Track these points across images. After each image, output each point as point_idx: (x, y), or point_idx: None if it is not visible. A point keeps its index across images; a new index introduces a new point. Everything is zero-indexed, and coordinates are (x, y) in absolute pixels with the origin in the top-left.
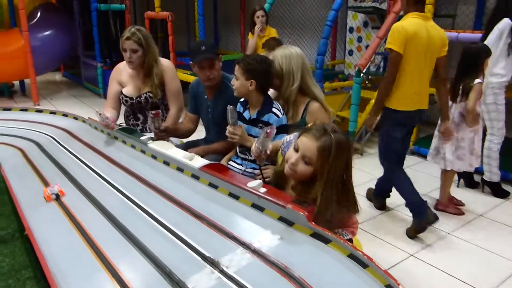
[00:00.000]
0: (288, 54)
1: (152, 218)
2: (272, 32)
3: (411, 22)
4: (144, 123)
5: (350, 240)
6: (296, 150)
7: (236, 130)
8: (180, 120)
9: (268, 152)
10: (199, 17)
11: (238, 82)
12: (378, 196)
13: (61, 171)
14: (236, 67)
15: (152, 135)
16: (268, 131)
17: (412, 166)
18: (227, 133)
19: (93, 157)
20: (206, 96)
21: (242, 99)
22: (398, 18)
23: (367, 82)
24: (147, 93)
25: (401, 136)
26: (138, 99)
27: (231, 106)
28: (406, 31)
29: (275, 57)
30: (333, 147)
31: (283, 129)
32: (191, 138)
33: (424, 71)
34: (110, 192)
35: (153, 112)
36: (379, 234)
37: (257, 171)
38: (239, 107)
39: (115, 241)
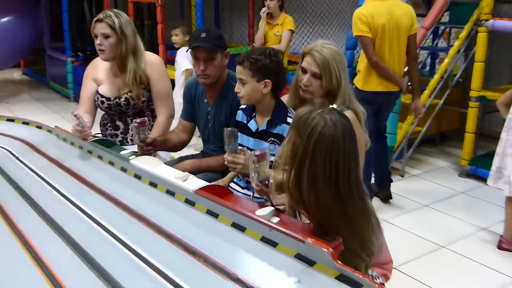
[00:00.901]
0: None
1: (135, 254)
2: (288, 21)
3: (369, 6)
4: (125, 133)
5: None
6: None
7: (237, 157)
8: (171, 129)
9: (271, 180)
10: (196, 1)
11: (246, 87)
12: (380, 186)
13: (20, 194)
14: (239, 69)
15: (135, 148)
16: (257, 153)
17: (468, 191)
18: (226, 163)
19: (61, 176)
20: (206, 100)
21: (244, 106)
22: (449, 3)
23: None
24: (129, 93)
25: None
26: (117, 100)
27: (229, 129)
28: (365, 16)
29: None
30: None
31: None
32: (184, 152)
33: (391, 51)
34: (82, 221)
35: (138, 121)
36: (426, 278)
37: None
38: (241, 116)
39: (89, 283)
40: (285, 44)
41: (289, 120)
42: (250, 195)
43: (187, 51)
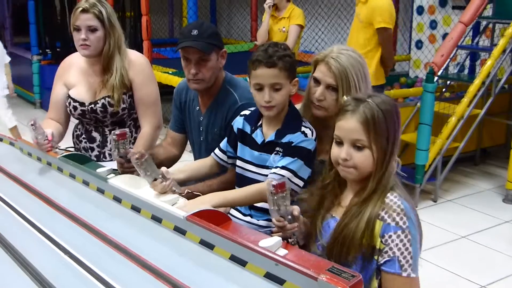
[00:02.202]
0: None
1: None
2: (296, 14)
3: None
4: (102, 147)
5: None
6: (340, 142)
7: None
8: (158, 142)
9: (295, 213)
10: None
11: (282, 93)
12: None
13: None
14: (273, 72)
15: (114, 165)
16: (274, 184)
17: None
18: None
19: (25, 197)
20: (198, 108)
21: (247, 112)
22: None
23: (444, 90)
24: (107, 98)
25: None
26: (92, 106)
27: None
28: (392, 6)
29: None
30: (377, 112)
31: (304, 155)
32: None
33: None
34: (51, 251)
35: (117, 132)
36: None
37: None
38: (243, 124)
39: None
40: (292, 41)
41: (304, 129)
42: (254, 224)
43: (175, 52)
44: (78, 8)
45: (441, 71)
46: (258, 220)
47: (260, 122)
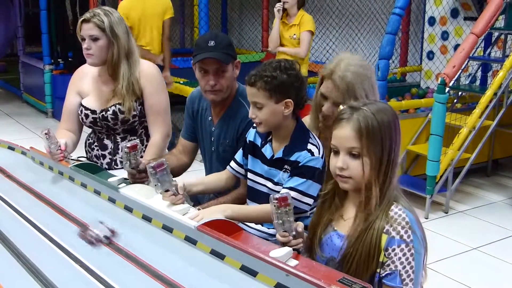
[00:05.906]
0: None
1: None
2: (306, 20)
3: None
4: (114, 154)
5: None
6: (336, 151)
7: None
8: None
9: (299, 229)
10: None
11: (264, 112)
12: None
13: None
14: (252, 91)
15: (126, 173)
16: (277, 197)
17: None
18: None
19: (37, 207)
20: (210, 118)
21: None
22: (505, 4)
23: (455, 101)
24: (117, 105)
25: None
26: (103, 113)
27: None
28: (122, 8)
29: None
30: (371, 120)
31: (314, 175)
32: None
33: (151, 36)
34: (62, 261)
35: (129, 145)
36: None
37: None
38: (255, 137)
39: None
40: (305, 48)
41: (310, 146)
42: (264, 232)
43: (193, 64)
44: (81, 19)
45: (452, 82)
46: (268, 229)
47: (270, 137)
